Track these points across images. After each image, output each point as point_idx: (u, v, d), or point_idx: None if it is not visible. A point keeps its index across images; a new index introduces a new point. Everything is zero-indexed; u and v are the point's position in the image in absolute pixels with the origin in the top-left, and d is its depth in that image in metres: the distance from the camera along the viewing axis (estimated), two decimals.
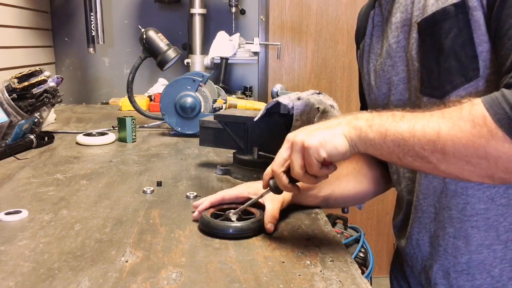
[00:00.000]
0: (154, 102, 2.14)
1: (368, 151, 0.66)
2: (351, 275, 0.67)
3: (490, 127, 0.55)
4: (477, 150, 0.56)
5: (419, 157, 0.60)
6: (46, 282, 0.64)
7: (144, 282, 0.64)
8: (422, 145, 0.59)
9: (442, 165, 0.59)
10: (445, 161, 0.59)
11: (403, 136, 0.61)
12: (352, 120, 0.66)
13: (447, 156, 0.58)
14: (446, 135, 0.58)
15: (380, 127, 0.63)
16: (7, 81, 1.38)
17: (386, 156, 0.65)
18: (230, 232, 0.78)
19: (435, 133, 0.58)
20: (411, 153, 0.61)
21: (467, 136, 0.57)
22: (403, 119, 0.62)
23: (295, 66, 2.76)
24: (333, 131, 0.66)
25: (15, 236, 0.79)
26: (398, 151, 0.62)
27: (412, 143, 0.60)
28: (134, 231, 0.82)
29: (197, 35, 2.25)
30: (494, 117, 0.55)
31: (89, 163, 1.27)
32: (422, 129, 0.59)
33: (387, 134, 0.62)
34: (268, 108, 1.15)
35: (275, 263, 0.70)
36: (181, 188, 1.06)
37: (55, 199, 0.97)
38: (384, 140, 0.63)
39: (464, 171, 0.59)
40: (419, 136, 0.59)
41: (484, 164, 0.57)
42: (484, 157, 0.56)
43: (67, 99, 2.37)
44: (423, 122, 0.60)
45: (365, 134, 0.64)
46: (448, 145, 0.58)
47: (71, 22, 2.41)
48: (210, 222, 0.80)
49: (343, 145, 0.66)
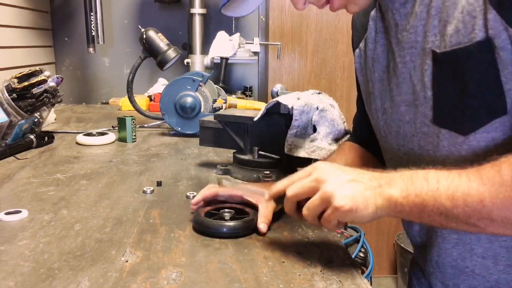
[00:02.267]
0: (154, 102, 2.14)
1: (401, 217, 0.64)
2: (351, 275, 0.67)
3: None
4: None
5: (464, 223, 0.58)
6: (46, 282, 0.64)
7: (144, 282, 0.64)
8: (467, 215, 0.57)
9: (489, 229, 0.58)
10: (493, 225, 0.57)
11: (444, 206, 0.58)
12: (385, 188, 0.62)
13: (495, 221, 0.57)
14: (491, 204, 0.56)
15: (416, 197, 0.60)
16: (7, 81, 1.38)
17: (426, 222, 0.62)
18: (224, 231, 0.78)
19: (479, 202, 0.56)
20: (455, 221, 0.59)
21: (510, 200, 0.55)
22: (439, 184, 0.59)
23: (295, 66, 2.76)
24: (367, 199, 0.62)
25: (15, 236, 0.79)
26: (440, 219, 0.60)
27: (456, 213, 0.58)
28: (134, 231, 0.82)
29: (197, 35, 2.25)
30: None
31: (89, 163, 1.27)
32: (463, 198, 0.57)
33: (425, 205, 0.59)
34: (268, 108, 1.15)
35: (275, 263, 0.70)
36: (181, 188, 1.06)
37: (55, 199, 0.97)
38: (422, 211, 0.60)
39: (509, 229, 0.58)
40: (462, 206, 0.57)
41: None
42: None
43: (67, 99, 2.37)
44: (463, 190, 0.57)
45: (401, 207, 0.61)
46: (494, 212, 0.56)
47: (71, 22, 2.41)
48: (203, 221, 0.80)
49: (371, 216, 0.63)
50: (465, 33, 0.61)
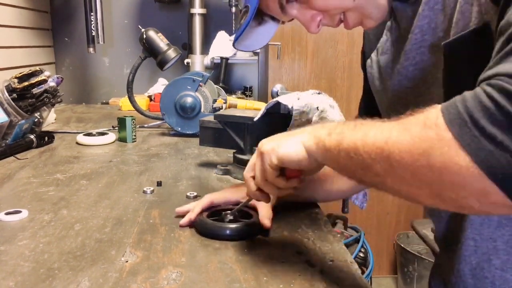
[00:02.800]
0: (154, 102, 2.14)
1: (327, 162, 0.61)
2: (351, 275, 0.67)
3: (438, 129, 0.47)
4: (421, 156, 0.47)
5: (368, 169, 0.53)
6: (46, 282, 0.64)
7: (144, 282, 0.64)
8: (370, 154, 0.52)
9: (389, 179, 0.52)
10: (392, 173, 0.51)
11: (356, 144, 0.54)
12: (316, 128, 0.61)
13: (393, 167, 0.50)
14: (394, 141, 0.50)
15: (338, 135, 0.57)
16: (7, 81, 1.38)
17: (343, 170, 0.59)
18: (227, 233, 0.78)
19: (384, 140, 0.51)
20: (361, 165, 0.54)
21: (414, 140, 0.48)
22: (362, 126, 0.55)
23: (295, 66, 2.76)
24: (292, 138, 0.63)
25: (15, 236, 0.79)
26: (351, 163, 0.55)
27: (362, 152, 0.53)
28: (134, 231, 0.82)
29: (197, 35, 2.25)
30: (446, 117, 0.47)
31: (89, 163, 1.28)
32: (374, 136, 0.52)
33: (342, 142, 0.56)
34: (268, 108, 1.15)
35: (275, 263, 0.70)
36: (181, 188, 1.06)
37: (55, 199, 0.98)
38: (339, 150, 0.56)
39: (411, 187, 0.50)
40: (369, 144, 0.52)
41: (428, 176, 0.47)
42: (427, 165, 0.47)
43: (67, 99, 2.37)
44: (376, 129, 0.53)
45: (323, 142, 0.59)
46: (394, 152, 0.50)
47: (71, 22, 2.41)
48: (207, 223, 0.80)
49: (297, 152, 0.61)
50: (464, 22, 0.61)
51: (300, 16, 0.74)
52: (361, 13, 0.72)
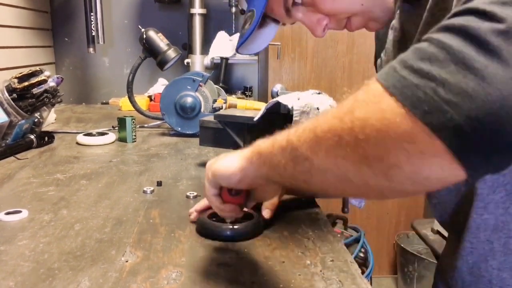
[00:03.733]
0: (154, 102, 2.14)
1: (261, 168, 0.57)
2: (351, 275, 0.67)
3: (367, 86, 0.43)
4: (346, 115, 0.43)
5: (297, 156, 0.49)
6: (46, 282, 0.64)
7: (144, 282, 0.64)
8: (299, 137, 0.48)
9: (315, 158, 0.46)
10: (317, 147, 0.46)
11: (288, 135, 0.51)
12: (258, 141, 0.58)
13: (318, 138, 0.45)
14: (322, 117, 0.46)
15: (272, 138, 0.54)
16: (7, 81, 1.38)
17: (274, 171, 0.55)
18: (228, 234, 0.78)
19: (315, 119, 0.48)
20: (291, 155, 0.50)
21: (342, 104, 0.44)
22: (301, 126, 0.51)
23: (295, 66, 2.76)
24: (233, 157, 0.61)
25: (15, 236, 0.79)
26: (282, 157, 0.52)
27: (293, 137, 0.50)
28: (134, 231, 0.82)
29: (197, 35, 2.25)
30: (378, 74, 0.43)
31: (89, 163, 1.28)
32: (307, 122, 0.49)
33: (275, 141, 0.54)
34: (268, 108, 1.15)
35: (275, 263, 0.70)
36: (181, 188, 1.06)
37: (55, 199, 0.98)
38: (272, 147, 0.54)
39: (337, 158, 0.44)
40: (300, 129, 0.49)
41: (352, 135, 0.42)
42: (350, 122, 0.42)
43: (67, 99, 2.37)
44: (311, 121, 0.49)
45: (258, 148, 0.56)
46: (320, 123, 0.46)
47: (71, 22, 2.41)
48: (207, 224, 0.80)
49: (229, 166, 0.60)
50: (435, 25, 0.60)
51: (306, 20, 0.73)
52: (368, 16, 0.71)
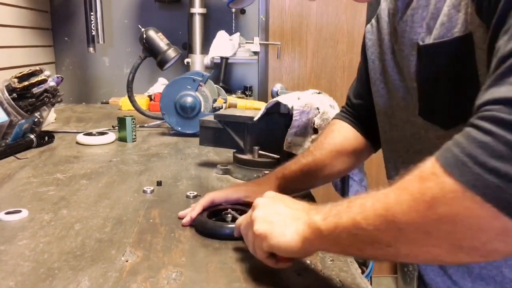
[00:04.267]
0: (154, 101, 2.14)
1: (327, 248, 0.57)
2: (351, 275, 0.67)
3: (437, 177, 0.43)
4: (427, 210, 0.43)
5: (377, 242, 0.49)
6: (46, 282, 0.64)
7: (144, 281, 0.64)
8: (375, 225, 0.48)
9: (401, 246, 0.47)
10: (403, 238, 0.47)
11: (355, 220, 0.50)
12: (311, 215, 0.58)
13: (402, 231, 0.46)
14: (394, 204, 0.47)
15: (334, 217, 0.54)
16: (7, 80, 1.38)
17: (347, 251, 0.55)
18: (227, 232, 0.78)
19: (383, 206, 0.48)
20: (368, 240, 0.50)
21: (414, 196, 0.45)
22: (356, 201, 0.52)
23: (295, 66, 2.76)
24: (287, 227, 0.59)
25: (15, 235, 0.79)
26: (356, 241, 0.51)
27: (366, 226, 0.49)
28: (134, 230, 0.82)
29: (197, 35, 2.25)
30: (443, 163, 0.43)
31: (89, 162, 1.27)
32: (371, 206, 0.49)
33: (340, 222, 0.52)
34: (268, 108, 1.15)
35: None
36: (181, 188, 1.06)
37: (55, 199, 0.97)
38: (338, 232, 0.53)
39: (428, 247, 0.46)
40: (370, 215, 0.49)
41: (442, 229, 0.44)
42: (437, 218, 0.43)
43: (67, 98, 2.37)
44: (373, 199, 0.50)
45: (319, 230, 0.55)
46: (397, 214, 0.46)
47: (71, 22, 2.41)
48: (207, 222, 0.80)
49: (291, 244, 0.58)
50: (449, 27, 0.60)
51: None
52: None
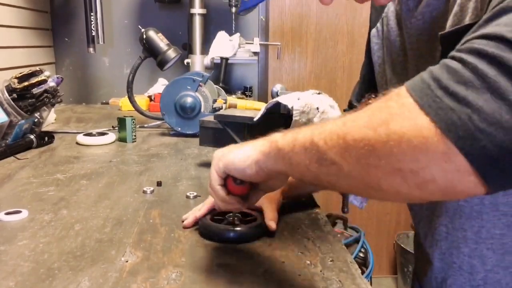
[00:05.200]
0: (154, 102, 2.14)
1: (279, 164, 0.56)
2: (351, 275, 0.67)
3: (399, 97, 0.44)
4: (379, 126, 0.43)
5: (323, 158, 0.49)
6: (46, 282, 0.64)
7: (144, 282, 0.64)
8: (326, 140, 0.48)
9: (344, 163, 0.47)
10: (347, 155, 0.46)
11: (312, 135, 0.50)
12: (273, 135, 0.58)
13: (349, 147, 0.46)
14: (351, 121, 0.47)
15: (294, 133, 0.53)
16: (7, 81, 1.38)
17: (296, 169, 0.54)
18: (231, 236, 0.77)
19: (341, 123, 0.48)
20: (316, 155, 0.49)
21: (373, 113, 0.45)
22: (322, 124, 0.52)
23: (295, 66, 2.76)
24: (247, 146, 0.60)
25: (15, 236, 0.79)
26: (305, 157, 0.51)
27: (317, 140, 0.49)
28: (134, 231, 0.82)
29: (197, 35, 2.25)
30: (409, 86, 0.44)
31: (89, 163, 1.27)
32: (331, 123, 0.49)
33: (297, 137, 0.52)
34: (268, 108, 1.15)
35: (275, 263, 0.70)
36: (181, 188, 1.06)
37: (55, 199, 0.97)
38: (293, 145, 0.52)
39: (369, 167, 0.45)
40: (326, 131, 0.49)
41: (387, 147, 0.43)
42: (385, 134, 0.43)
43: (67, 99, 2.37)
44: (336, 119, 0.50)
45: (276, 143, 0.55)
46: (351, 131, 0.46)
47: (71, 22, 2.41)
48: (210, 226, 0.79)
49: (244, 159, 0.58)
50: (461, 16, 0.60)
51: None
52: None
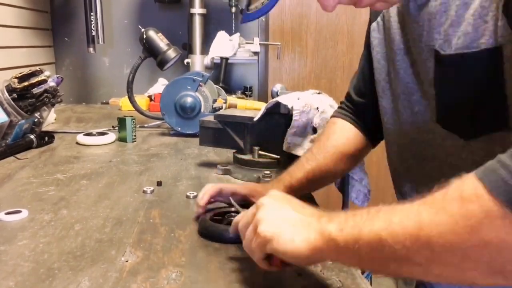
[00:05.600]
0: (154, 102, 2.14)
1: (343, 260, 0.54)
2: (351, 275, 0.67)
3: (482, 200, 0.41)
4: (470, 235, 0.42)
5: (404, 260, 0.47)
6: (46, 282, 0.64)
7: (144, 282, 0.64)
8: (403, 243, 0.46)
9: (434, 267, 0.45)
10: (436, 259, 0.44)
11: (379, 235, 0.47)
12: (324, 223, 0.54)
13: (436, 252, 0.44)
14: (429, 224, 0.44)
15: (352, 229, 0.50)
16: (7, 81, 1.38)
17: (367, 266, 0.53)
18: (230, 236, 0.77)
19: (415, 224, 0.45)
20: (393, 256, 0.47)
21: (454, 218, 0.43)
22: (379, 214, 0.49)
23: (295, 66, 2.76)
24: (298, 232, 0.55)
25: (15, 236, 0.79)
26: (378, 256, 0.48)
27: (391, 243, 0.46)
28: (134, 231, 0.82)
29: (197, 35, 2.25)
30: (488, 185, 0.41)
31: (89, 163, 1.27)
32: (400, 223, 0.46)
33: (360, 236, 0.49)
34: (268, 108, 1.15)
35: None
36: (181, 188, 1.06)
37: (55, 199, 0.97)
38: (357, 245, 0.49)
39: (464, 270, 0.44)
40: (397, 231, 0.46)
41: (484, 255, 0.42)
42: (480, 243, 0.41)
43: (67, 99, 2.37)
44: (401, 214, 0.47)
45: (334, 241, 0.52)
46: (433, 236, 0.44)
47: (71, 22, 2.41)
48: (210, 226, 0.79)
49: (299, 251, 0.54)
50: (474, 37, 0.59)
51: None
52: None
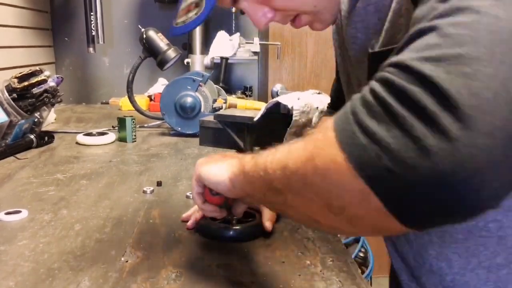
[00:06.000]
0: (154, 102, 2.14)
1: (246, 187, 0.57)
2: (351, 275, 0.67)
3: (326, 130, 0.43)
4: (308, 160, 0.44)
5: (272, 187, 0.50)
6: (46, 282, 0.64)
7: (144, 282, 0.64)
8: (273, 169, 0.49)
9: (288, 195, 0.48)
10: (290, 187, 0.47)
11: (265, 162, 0.51)
12: (241, 157, 0.59)
13: (289, 178, 0.46)
14: (291, 151, 0.47)
15: (258, 157, 0.54)
16: (7, 81, 1.38)
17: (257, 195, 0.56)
18: (230, 234, 0.78)
19: (286, 152, 0.48)
20: (268, 183, 0.50)
21: (305, 145, 0.46)
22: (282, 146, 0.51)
23: (295, 66, 2.76)
24: (224, 161, 0.62)
25: (15, 236, 0.79)
26: (261, 184, 0.52)
27: (269, 168, 0.50)
28: (134, 231, 0.82)
29: (197, 35, 2.25)
30: (334, 118, 0.43)
31: (89, 163, 1.27)
32: (280, 151, 0.50)
33: (257, 162, 0.53)
34: (268, 108, 1.15)
35: (275, 263, 0.70)
36: (181, 188, 1.06)
37: (55, 199, 0.97)
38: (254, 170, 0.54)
39: (305, 199, 0.46)
40: (275, 159, 0.50)
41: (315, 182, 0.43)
42: (312, 169, 0.43)
43: (67, 99, 2.37)
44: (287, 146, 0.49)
45: (243, 166, 0.57)
46: (289, 161, 0.46)
47: (71, 22, 2.41)
48: (210, 225, 0.80)
49: (218, 175, 0.61)
50: (392, 33, 0.58)
51: (251, 11, 0.71)
52: (317, 17, 0.71)
